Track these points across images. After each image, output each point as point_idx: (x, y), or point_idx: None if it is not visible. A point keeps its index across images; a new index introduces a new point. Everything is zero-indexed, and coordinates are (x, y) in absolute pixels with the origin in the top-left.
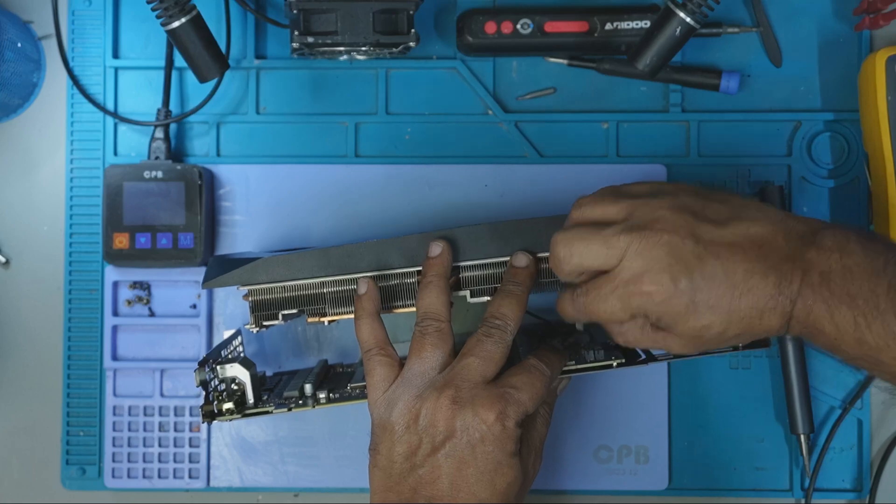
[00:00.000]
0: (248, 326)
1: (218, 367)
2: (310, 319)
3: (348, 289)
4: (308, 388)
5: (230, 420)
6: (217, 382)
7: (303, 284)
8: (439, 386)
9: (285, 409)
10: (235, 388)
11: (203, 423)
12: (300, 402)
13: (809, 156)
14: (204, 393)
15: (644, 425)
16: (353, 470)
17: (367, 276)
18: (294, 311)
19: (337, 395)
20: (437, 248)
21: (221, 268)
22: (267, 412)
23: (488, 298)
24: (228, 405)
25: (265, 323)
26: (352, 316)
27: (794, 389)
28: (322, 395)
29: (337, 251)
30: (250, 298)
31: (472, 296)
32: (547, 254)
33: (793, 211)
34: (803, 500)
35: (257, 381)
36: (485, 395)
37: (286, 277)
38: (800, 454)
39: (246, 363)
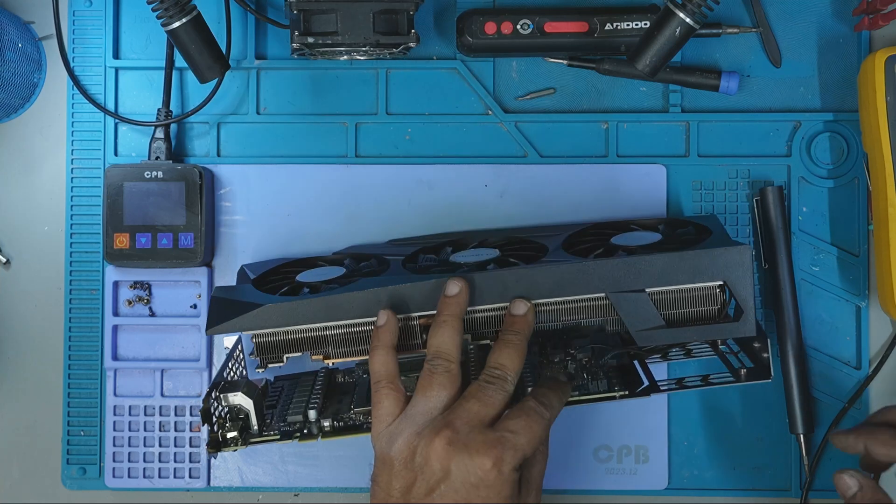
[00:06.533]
0: (253, 363)
1: (221, 396)
2: (314, 358)
3: (351, 331)
4: (312, 414)
5: (234, 450)
6: (221, 409)
7: (306, 328)
8: (438, 426)
9: (289, 440)
10: (239, 411)
11: (209, 455)
12: (305, 431)
13: (809, 156)
14: (207, 425)
15: (644, 425)
16: (353, 470)
17: (387, 309)
18: (298, 353)
19: (341, 425)
20: (454, 288)
21: (224, 308)
22: (275, 440)
23: (489, 342)
24: (233, 434)
25: (270, 365)
26: (356, 358)
27: (793, 389)
28: (326, 424)
29: (339, 299)
30: (254, 340)
31: (473, 338)
32: (547, 300)
33: (792, 211)
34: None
35: (261, 405)
36: (481, 439)
37: (289, 323)
38: (800, 454)
39: (249, 389)
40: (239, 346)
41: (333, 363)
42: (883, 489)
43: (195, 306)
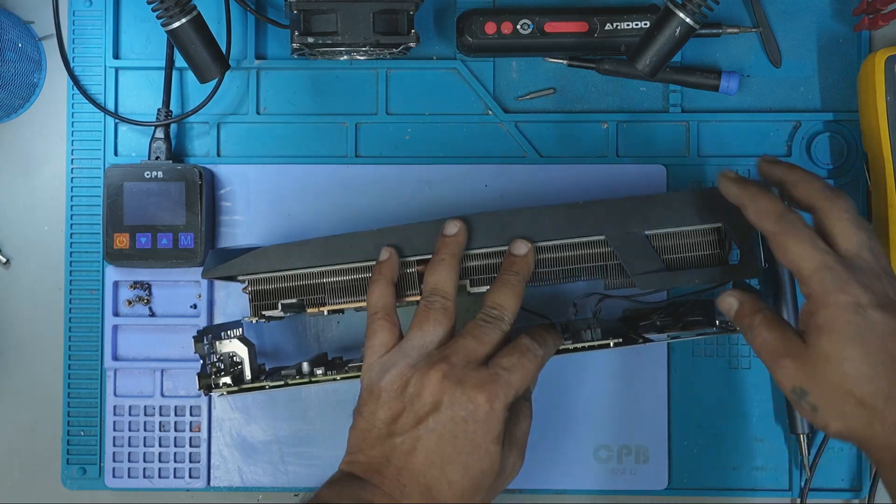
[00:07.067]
0: (247, 319)
1: (217, 343)
2: (309, 310)
3: (348, 278)
4: (305, 366)
5: (227, 393)
6: (216, 358)
7: (303, 274)
8: (433, 359)
9: (282, 384)
10: (234, 364)
11: (200, 391)
12: (297, 377)
13: (809, 156)
14: (202, 363)
15: (644, 425)
16: None
17: (389, 247)
18: (293, 300)
19: (334, 372)
20: (453, 228)
21: (221, 258)
22: (262, 387)
23: (488, 288)
24: (226, 379)
25: (265, 313)
26: (351, 305)
27: None
28: (319, 371)
29: (337, 240)
30: (250, 289)
31: (471, 285)
32: (549, 243)
33: None
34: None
35: (255, 359)
36: (476, 374)
37: (286, 266)
38: (799, 454)
39: (245, 341)
40: (239, 329)
41: (329, 311)
42: (763, 302)
43: (195, 306)
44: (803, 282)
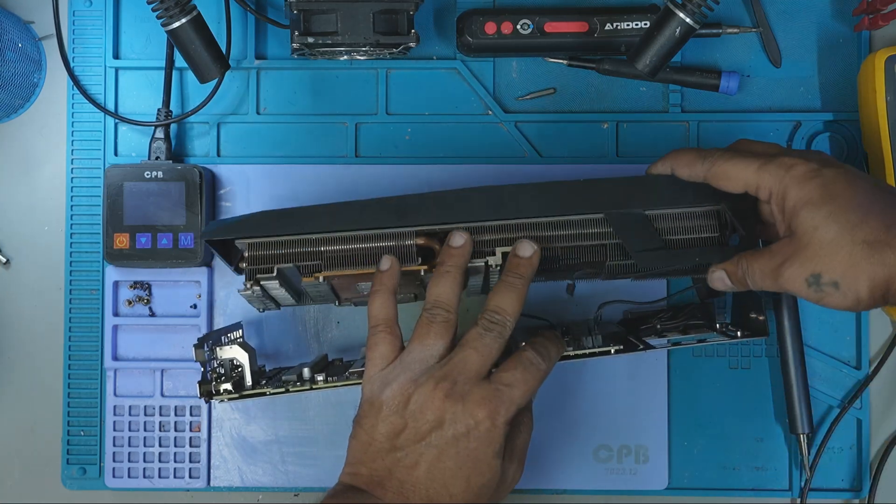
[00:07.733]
0: (241, 292)
1: (217, 349)
2: (304, 279)
3: (346, 247)
4: (306, 371)
5: (228, 400)
6: (216, 364)
7: (301, 240)
8: (436, 377)
9: (283, 390)
10: (234, 368)
11: (201, 398)
12: (297, 383)
13: None
14: (202, 370)
15: (644, 425)
16: None
17: (390, 255)
18: (289, 265)
19: (335, 378)
20: (460, 239)
21: (221, 226)
22: (263, 393)
23: (480, 262)
24: (226, 386)
25: (259, 277)
26: (347, 273)
27: (793, 389)
28: (320, 378)
29: (339, 207)
30: (247, 253)
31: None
32: (546, 219)
33: None
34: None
35: (255, 364)
36: (477, 391)
37: (286, 231)
38: (799, 454)
39: (245, 347)
40: (239, 331)
41: (324, 278)
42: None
43: (195, 306)
44: (760, 190)
